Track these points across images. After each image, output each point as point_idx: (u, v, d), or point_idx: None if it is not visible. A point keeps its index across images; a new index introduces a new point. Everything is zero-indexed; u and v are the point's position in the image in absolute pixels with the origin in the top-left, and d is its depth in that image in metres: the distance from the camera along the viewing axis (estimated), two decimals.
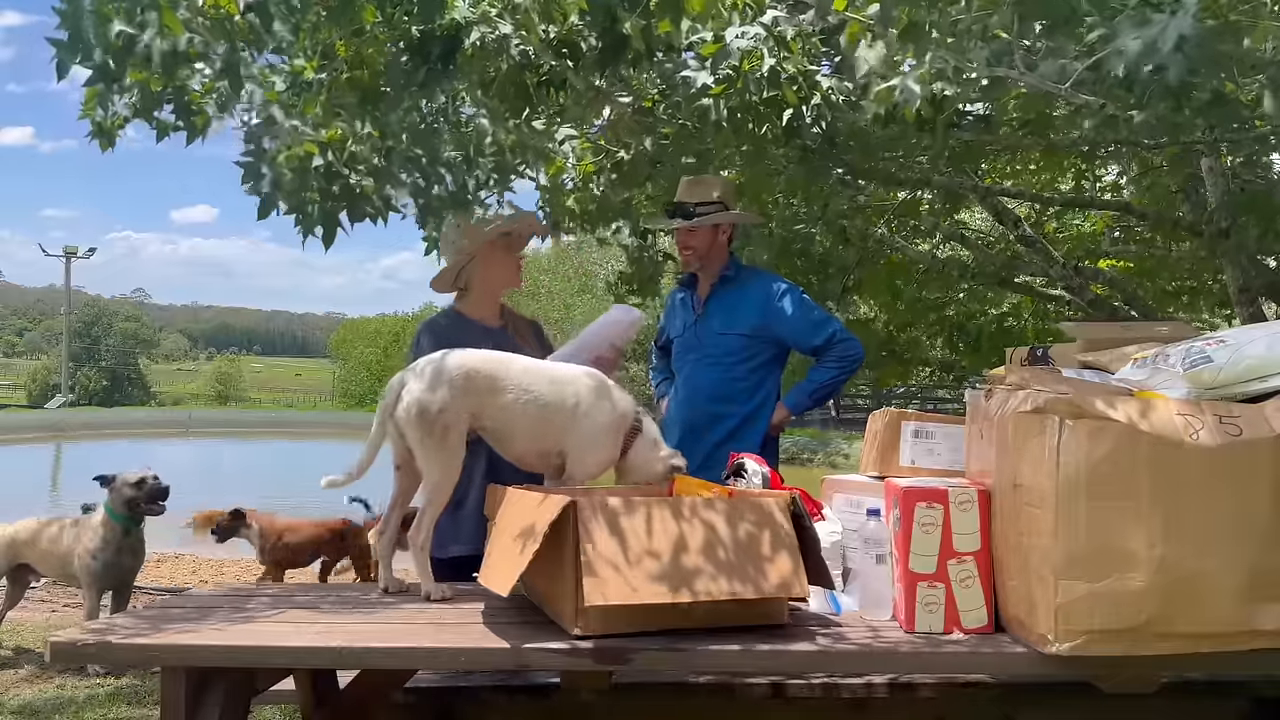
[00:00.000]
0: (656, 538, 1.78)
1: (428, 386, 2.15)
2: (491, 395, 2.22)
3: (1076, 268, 4.93)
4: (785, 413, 3.08)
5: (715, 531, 1.81)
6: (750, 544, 1.82)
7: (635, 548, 1.76)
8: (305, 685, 2.27)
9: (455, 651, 1.81)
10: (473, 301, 2.89)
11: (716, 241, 3.11)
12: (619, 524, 1.78)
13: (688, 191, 3.12)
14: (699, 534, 1.81)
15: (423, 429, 2.13)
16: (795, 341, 3.07)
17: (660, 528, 1.80)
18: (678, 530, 1.80)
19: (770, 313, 3.04)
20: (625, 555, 1.75)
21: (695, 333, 3.15)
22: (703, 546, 1.79)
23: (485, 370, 2.22)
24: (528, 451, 2.33)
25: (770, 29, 2.33)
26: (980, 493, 1.87)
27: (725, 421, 3.05)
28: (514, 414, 2.24)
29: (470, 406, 2.19)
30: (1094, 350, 2.21)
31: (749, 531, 1.83)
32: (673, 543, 1.78)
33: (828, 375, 3.05)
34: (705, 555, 1.78)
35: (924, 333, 6.06)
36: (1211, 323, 6.91)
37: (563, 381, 2.31)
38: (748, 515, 1.85)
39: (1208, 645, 1.67)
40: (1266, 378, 1.74)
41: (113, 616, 2.09)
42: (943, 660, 1.79)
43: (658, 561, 1.76)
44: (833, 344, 3.01)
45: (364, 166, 2.34)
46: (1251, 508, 1.66)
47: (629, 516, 1.79)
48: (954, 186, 4.34)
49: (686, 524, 1.81)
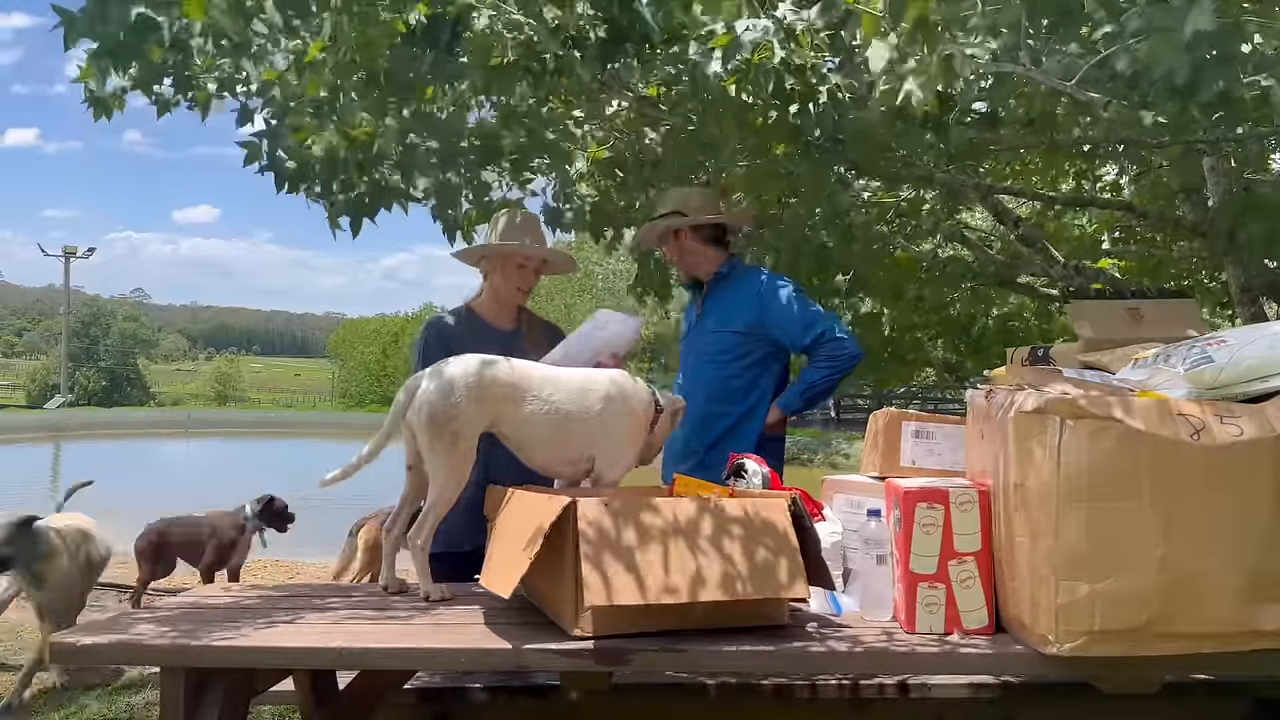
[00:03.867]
0: (656, 538, 1.78)
1: (443, 391, 2.14)
2: (509, 405, 2.22)
3: (1077, 268, 4.92)
4: (779, 413, 3.06)
5: (715, 532, 1.81)
6: (750, 544, 1.81)
7: (635, 548, 1.76)
8: (305, 686, 2.27)
9: (455, 652, 1.81)
10: (485, 302, 2.90)
11: (684, 248, 3.14)
12: (619, 524, 1.78)
13: (656, 205, 3.21)
14: (699, 534, 1.80)
15: (433, 432, 2.13)
16: (785, 339, 3.03)
17: (660, 528, 1.79)
18: (678, 531, 1.80)
19: (762, 309, 3.02)
20: (625, 556, 1.74)
21: (697, 331, 3.17)
22: (703, 547, 1.79)
23: (503, 379, 2.21)
24: (554, 460, 2.32)
25: (780, 22, 2.32)
26: (981, 493, 1.87)
27: (721, 420, 3.04)
28: (536, 424, 2.24)
29: (486, 415, 2.19)
30: (1095, 350, 2.21)
31: (749, 532, 1.83)
32: (673, 543, 1.78)
33: (818, 375, 2.98)
34: (705, 556, 1.78)
35: (925, 333, 6.05)
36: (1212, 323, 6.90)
37: (584, 389, 2.30)
38: (748, 515, 1.85)
39: (1209, 646, 1.67)
40: (1267, 378, 1.74)
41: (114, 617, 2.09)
42: (943, 661, 1.78)
43: (658, 562, 1.75)
44: (823, 343, 2.95)
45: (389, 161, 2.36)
46: (1252, 508, 1.65)
47: (629, 517, 1.79)
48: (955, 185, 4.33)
49: (686, 525, 1.81)
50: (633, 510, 1.80)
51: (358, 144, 2.33)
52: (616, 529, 1.77)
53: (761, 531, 1.83)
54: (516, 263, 2.79)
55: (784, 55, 2.35)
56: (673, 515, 1.82)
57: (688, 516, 1.82)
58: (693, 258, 3.16)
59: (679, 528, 1.80)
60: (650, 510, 1.81)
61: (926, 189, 4.68)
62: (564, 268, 3.00)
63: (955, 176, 4.20)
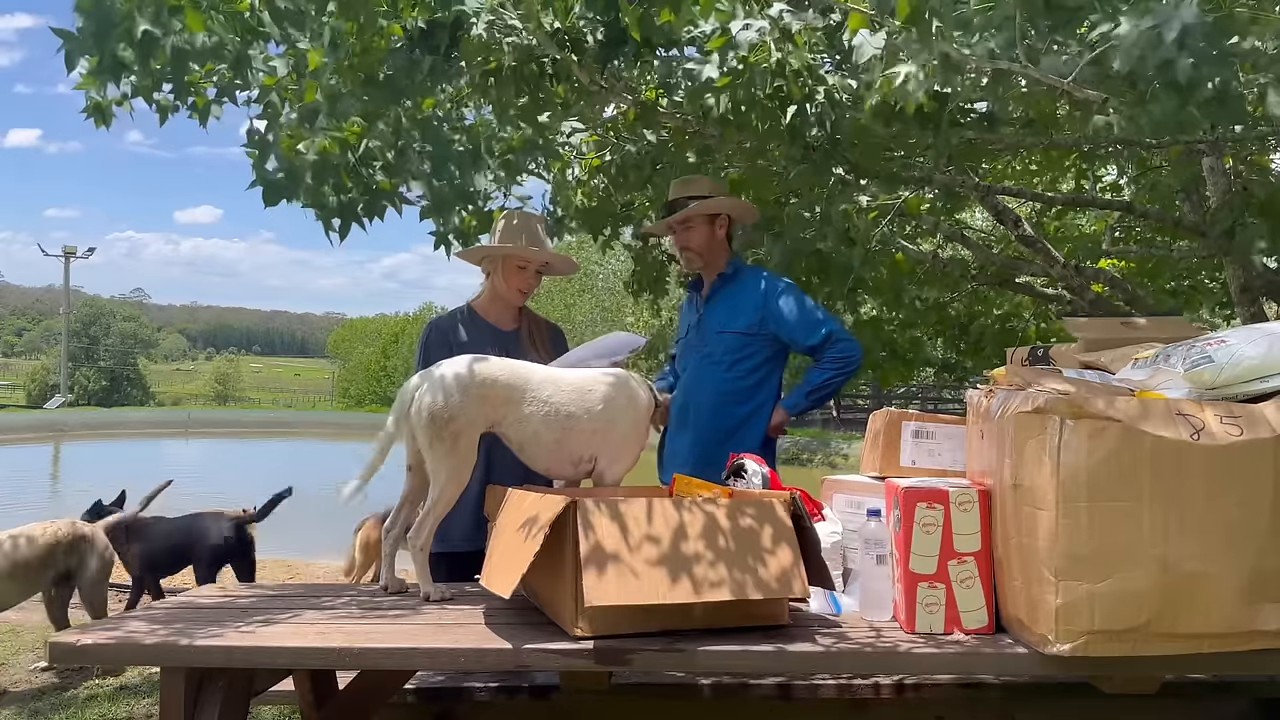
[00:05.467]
0: (657, 538, 1.78)
1: (443, 392, 2.14)
2: (510, 405, 2.22)
3: (1077, 267, 4.91)
4: (784, 414, 3.05)
5: (715, 532, 1.81)
6: (750, 545, 1.81)
7: (635, 548, 1.76)
8: (305, 685, 2.27)
9: (455, 652, 1.80)
10: (486, 301, 2.90)
11: (714, 237, 3.09)
12: (619, 525, 1.78)
13: (679, 190, 3.12)
14: (699, 535, 1.80)
15: (433, 433, 2.13)
16: (791, 340, 3.03)
17: (660, 528, 1.79)
18: (678, 531, 1.80)
19: (767, 310, 3.01)
20: (625, 555, 1.74)
21: (698, 331, 3.14)
22: (703, 547, 1.79)
23: (503, 380, 2.21)
24: (556, 461, 2.32)
25: (776, 22, 2.32)
26: (981, 493, 1.87)
27: (725, 421, 3.03)
28: (536, 425, 2.24)
29: (487, 415, 2.20)
30: (1094, 350, 2.21)
31: (749, 532, 1.83)
32: (673, 543, 1.78)
33: (825, 376, 2.98)
34: (705, 556, 1.78)
35: (925, 333, 6.04)
36: (1212, 323, 6.90)
37: (585, 389, 2.31)
38: (748, 516, 1.85)
39: (1209, 646, 1.67)
40: (1267, 378, 1.74)
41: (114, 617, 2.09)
42: (943, 661, 1.78)
43: (658, 562, 1.75)
44: (829, 344, 2.95)
45: (380, 163, 2.36)
46: (1252, 508, 1.65)
47: (629, 517, 1.79)
48: (955, 185, 4.33)
49: (687, 524, 1.81)
50: (633, 510, 1.80)
51: (348, 145, 2.33)
52: (616, 529, 1.77)
53: (761, 532, 1.83)
54: (517, 264, 2.79)
55: (780, 57, 2.35)
56: (673, 515, 1.82)
57: (688, 516, 1.82)
58: (716, 250, 3.11)
59: (679, 527, 1.80)
60: (650, 510, 1.81)
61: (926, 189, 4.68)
62: (565, 270, 3.00)
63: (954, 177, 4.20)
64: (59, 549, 3.75)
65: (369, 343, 38.40)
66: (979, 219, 7.54)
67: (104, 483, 5.49)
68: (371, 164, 2.39)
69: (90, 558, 3.82)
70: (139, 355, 55.38)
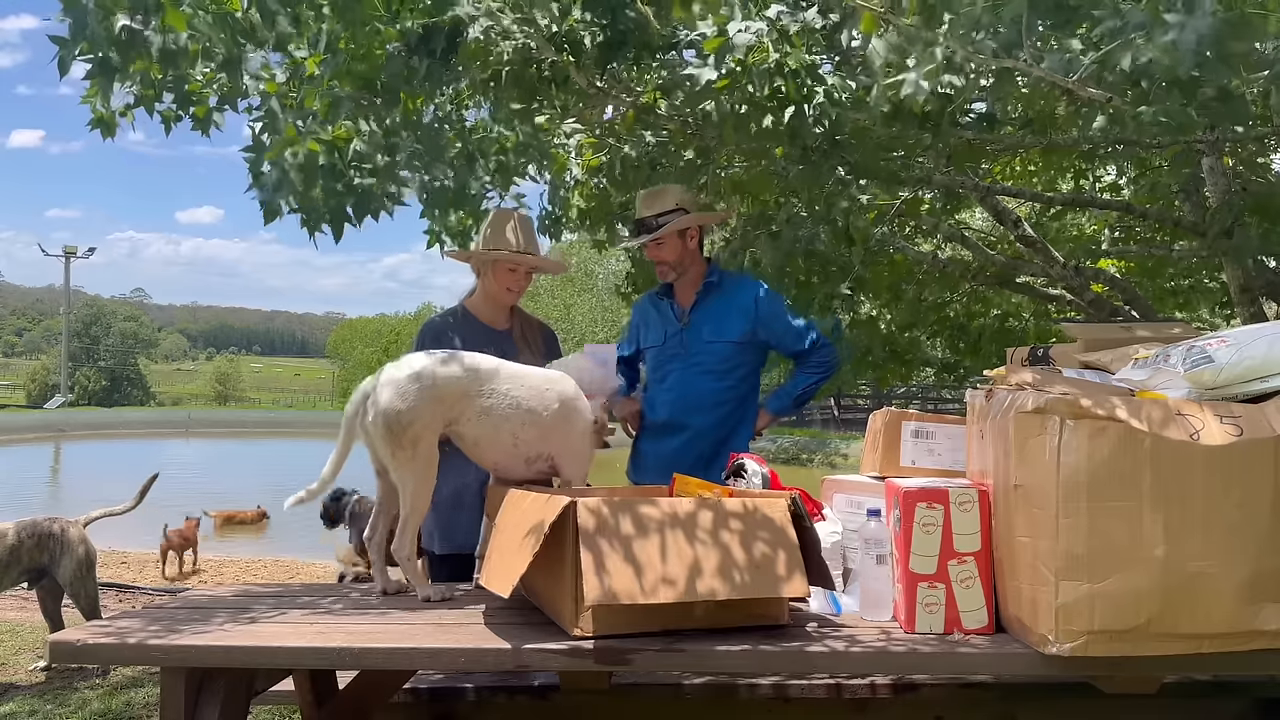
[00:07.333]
0: (656, 538, 1.78)
1: (396, 395, 2.08)
2: (465, 400, 2.16)
3: (1077, 268, 4.92)
4: (768, 417, 3.17)
5: (715, 532, 1.81)
6: (750, 544, 1.81)
7: (635, 548, 1.75)
8: (305, 685, 2.27)
9: (455, 652, 1.80)
10: (478, 301, 2.90)
11: (686, 249, 3.10)
12: (619, 524, 1.78)
13: (646, 205, 3.11)
14: (699, 534, 1.80)
15: (392, 442, 2.08)
16: (781, 346, 3.14)
17: (660, 528, 1.79)
18: (677, 530, 1.79)
19: (758, 319, 3.06)
20: (625, 555, 1.74)
21: (681, 341, 3.11)
22: (703, 547, 1.79)
23: (455, 374, 2.15)
24: (506, 458, 2.27)
25: (774, 23, 2.32)
26: (981, 493, 1.87)
27: (721, 429, 3.06)
28: (494, 420, 2.19)
29: (442, 413, 2.14)
30: (1095, 350, 2.21)
31: (749, 531, 1.83)
32: (672, 543, 1.78)
33: (811, 380, 3.13)
34: (705, 555, 1.78)
35: (925, 333, 6.04)
36: (1212, 323, 6.91)
37: (542, 386, 2.28)
38: (747, 515, 1.85)
39: (1209, 646, 1.67)
40: (1267, 378, 1.74)
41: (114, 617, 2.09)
42: (943, 661, 1.78)
43: (657, 561, 1.75)
44: (815, 349, 3.11)
45: (369, 165, 2.35)
46: (1253, 508, 1.65)
47: (629, 517, 1.79)
48: (955, 186, 4.33)
49: (686, 524, 1.81)
50: (632, 510, 1.80)
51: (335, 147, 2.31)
52: (616, 528, 1.77)
53: (761, 531, 1.83)
54: (506, 265, 2.80)
55: (778, 58, 2.35)
56: (672, 515, 1.82)
57: (687, 516, 1.82)
58: (690, 260, 3.12)
59: (679, 527, 1.80)
60: (650, 510, 1.81)
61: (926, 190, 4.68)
62: (554, 270, 3.13)
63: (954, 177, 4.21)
64: (23, 549, 3.80)
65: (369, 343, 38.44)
66: (979, 219, 7.54)
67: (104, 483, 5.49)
68: (360, 166, 2.38)
69: (62, 555, 3.87)
70: (139, 355, 55.40)
